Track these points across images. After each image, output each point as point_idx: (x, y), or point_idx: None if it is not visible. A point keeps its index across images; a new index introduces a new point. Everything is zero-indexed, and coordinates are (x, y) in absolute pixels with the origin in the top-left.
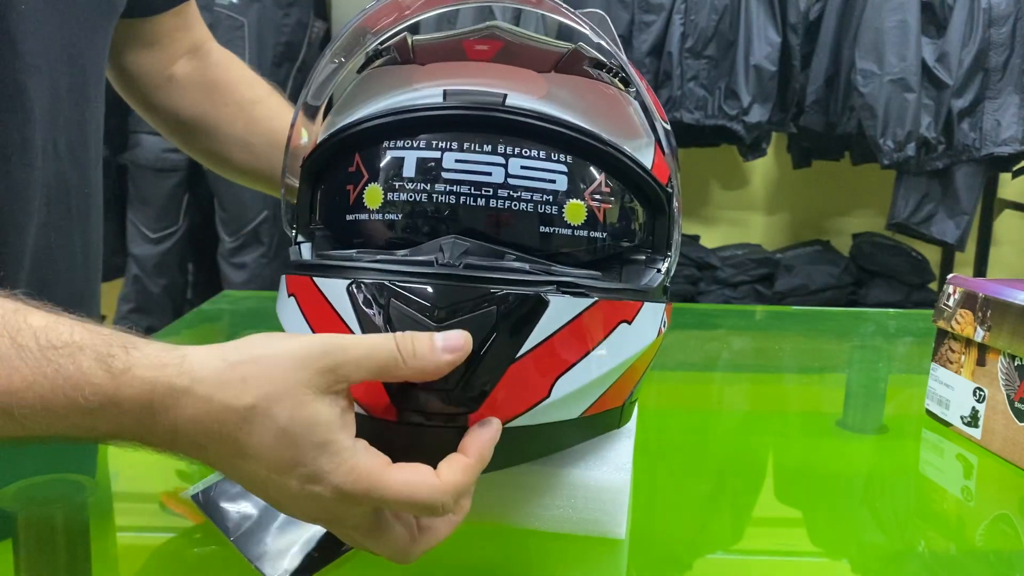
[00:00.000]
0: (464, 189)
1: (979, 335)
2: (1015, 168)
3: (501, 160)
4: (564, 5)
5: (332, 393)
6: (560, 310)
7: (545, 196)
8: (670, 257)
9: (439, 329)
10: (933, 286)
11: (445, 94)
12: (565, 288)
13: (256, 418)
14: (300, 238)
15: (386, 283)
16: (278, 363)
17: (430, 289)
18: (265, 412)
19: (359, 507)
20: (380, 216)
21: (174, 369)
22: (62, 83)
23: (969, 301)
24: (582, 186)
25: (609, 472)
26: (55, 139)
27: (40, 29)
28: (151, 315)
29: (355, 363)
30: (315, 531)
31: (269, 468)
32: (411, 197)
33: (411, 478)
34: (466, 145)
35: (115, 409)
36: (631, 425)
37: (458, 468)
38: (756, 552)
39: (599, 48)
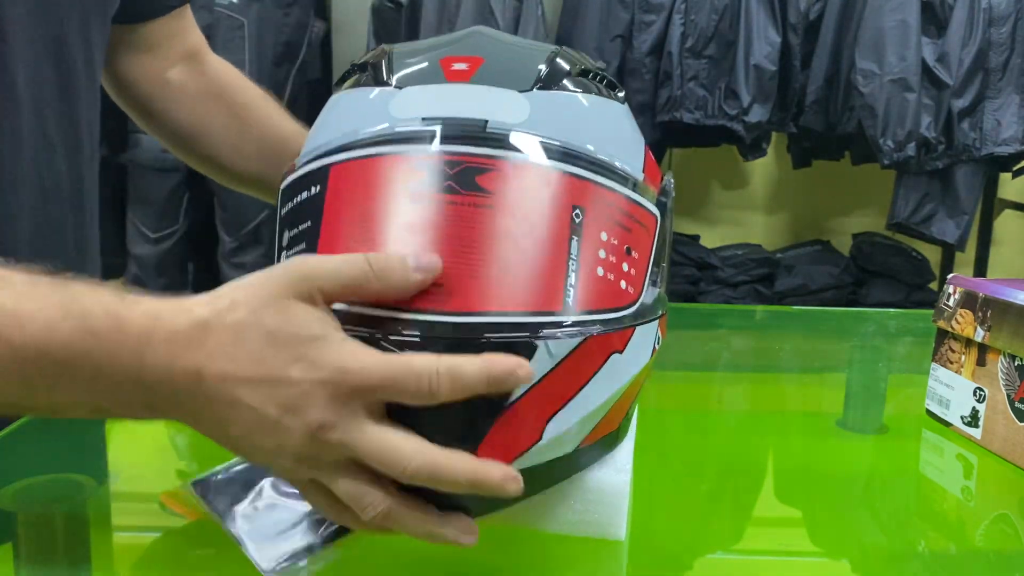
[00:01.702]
0: None
1: (979, 335)
2: (1015, 168)
3: None
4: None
5: (311, 302)
6: (549, 352)
7: None
8: (664, 266)
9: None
10: (933, 286)
11: (423, 122)
12: (554, 328)
13: (245, 330)
14: None
15: (375, 336)
16: (253, 282)
17: (418, 341)
18: (254, 322)
19: (349, 410)
20: None
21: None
22: (47, 75)
23: (969, 301)
24: None
25: (609, 474)
26: (45, 132)
27: (25, 18)
28: None
29: (328, 275)
30: (309, 519)
31: (261, 376)
32: None
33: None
34: None
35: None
36: (630, 427)
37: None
38: (756, 552)
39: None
